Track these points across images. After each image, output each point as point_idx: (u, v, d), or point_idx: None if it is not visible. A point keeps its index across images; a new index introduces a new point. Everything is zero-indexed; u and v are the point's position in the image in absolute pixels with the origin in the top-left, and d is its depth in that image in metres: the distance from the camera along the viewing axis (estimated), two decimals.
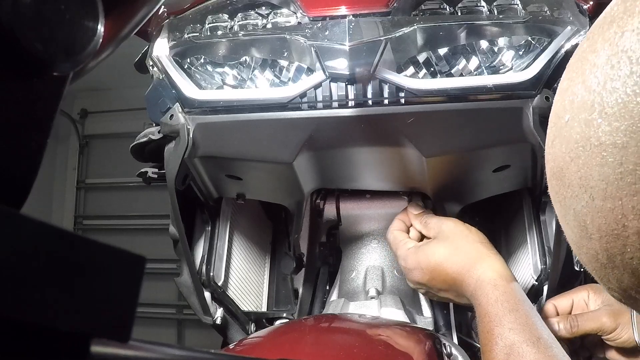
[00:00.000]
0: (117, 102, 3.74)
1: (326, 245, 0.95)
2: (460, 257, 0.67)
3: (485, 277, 0.63)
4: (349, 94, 0.66)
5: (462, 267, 0.66)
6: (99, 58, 0.31)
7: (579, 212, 0.27)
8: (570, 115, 0.27)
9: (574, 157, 0.26)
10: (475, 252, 0.67)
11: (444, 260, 0.68)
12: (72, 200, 4.04)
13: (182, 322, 3.75)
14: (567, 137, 0.27)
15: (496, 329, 0.58)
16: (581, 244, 0.28)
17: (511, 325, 0.58)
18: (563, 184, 0.28)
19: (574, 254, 0.79)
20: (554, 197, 0.30)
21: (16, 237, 0.16)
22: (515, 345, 0.56)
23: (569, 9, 0.69)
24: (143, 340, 0.22)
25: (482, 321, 0.61)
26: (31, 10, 0.19)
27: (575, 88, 0.27)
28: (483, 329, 0.60)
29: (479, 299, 0.62)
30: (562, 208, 0.29)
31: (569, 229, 0.29)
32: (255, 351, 0.58)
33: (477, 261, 0.66)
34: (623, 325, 0.63)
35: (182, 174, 0.75)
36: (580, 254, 0.29)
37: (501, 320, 0.58)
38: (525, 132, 0.67)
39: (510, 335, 0.57)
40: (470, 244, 0.68)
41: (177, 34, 0.76)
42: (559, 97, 0.30)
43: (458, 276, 0.67)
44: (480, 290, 0.62)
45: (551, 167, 0.29)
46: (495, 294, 0.61)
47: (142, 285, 0.19)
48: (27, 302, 0.16)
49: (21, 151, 0.21)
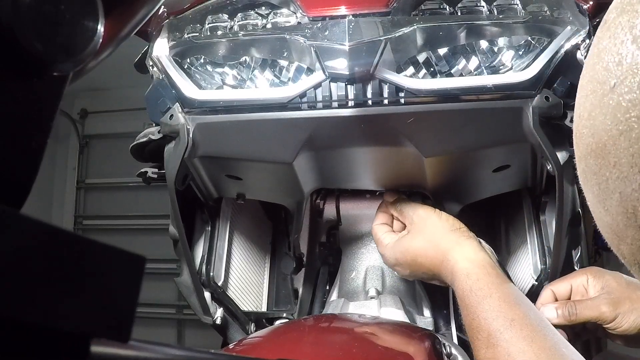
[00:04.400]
0: (117, 102, 3.74)
1: (326, 245, 0.95)
2: (433, 250, 0.68)
3: (457, 268, 0.64)
4: (348, 94, 0.66)
5: (436, 259, 0.67)
6: (99, 58, 0.31)
7: (627, 196, 0.22)
8: (618, 79, 0.22)
9: (625, 130, 0.22)
10: (446, 242, 0.67)
11: (418, 255, 0.69)
12: (72, 200, 4.04)
13: (182, 322, 3.75)
14: (613, 106, 0.22)
15: (474, 322, 0.59)
16: (625, 234, 0.24)
17: (485, 315, 0.58)
18: (606, 162, 0.23)
19: (575, 253, 0.77)
20: (590, 179, 0.25)
21: (16, 237, 0.16)
22: (491, 335, 0.56)
23: (569, 9, 0.69)
24: (143, 340, 0.22)
25: (463, 314, 0.62)
26: (31, 10, 0.19)
27: (621, 48, 0.22)
28: (465, 322, 0.61)
29: (456, 290, 0.63)
30: (602, 192, 0.24)
31: (609, 216, 0.25)
32: (255, 351, 0.58)
33: (449, 251, 0.66)
34: (623, 314, 0.62)
35: (182, 174, 0.75)
36: (620, 245, 0.25)
37: (476, 310, 0.59)
38: (525, 132, 0.67)
39: (486, 325, 0.57)
40: (441, 234, 0.69)
41: (177, 34, 0.76)
42: (595, 60, 0.25)
43: (435, 268, 0.68)
44: (456, 281, 0.63)
45: (588, 143, 0.24)
46: (468, 283, 0.61)
47: (142, 285, 0.19)
48: (27, 302, 0.16)
49: (21, 151, 0.21)
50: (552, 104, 0.65)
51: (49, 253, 0.17)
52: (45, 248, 0.17)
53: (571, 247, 0.75)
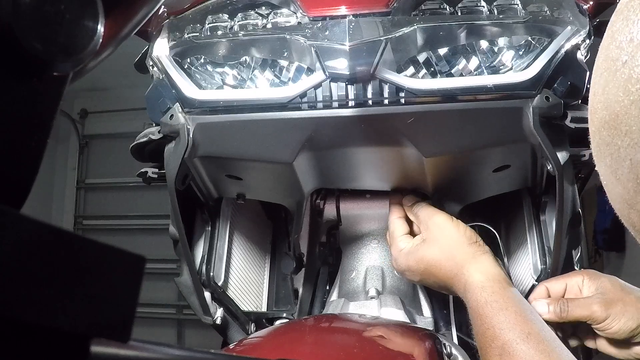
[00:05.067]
0: (117, 102, 3.75)
1: (326, 245, 0.95)
2: (449, 262, 0.67)
3: (472, 281, 0.63)
4: (349, 94, 0.66)
5: (450, 272, 0.67)
6: (99, 58, 0.31)
7: (638, 162, 0.24)
8: (629, 55, 0.24)
9: (636, 100, 0.23)
10: (462, 255, 0.67)
11: (432, 265, 0.69)
12: (72, 200, 4.04)
13: (182, 322, 3.75)
14: (625, 79, 0.24)
15: (488, 331, 0.59)
16: (635, 200, 0.25)
17: (501, 325, 0.58)
18: (618, 132, 0.25)
19: (575, 253, 0.78)
20: (603, 150, 0.27)
21: (16, 237, 0.16)
22: (507, 344, 0.56)
23: (569, 9, 0.69)
24: (143, 340, 0.22)
25: (475, 323, 0.61)
26: (31, 10, 0.19)
27: (632, 27, 0.24)
28: (477, 331, 0.61)
29: (469, 302, 0.63)
30: (614, 161, 0.26)
31: (619, 185, 0.26)
32: (255, 351, 0.58)
33: (464, 265, 0.66)
34: (614, 315, 0.61)
35: (182, 174, 0.75)
36: (630, 213, 0.26)
37: (491, 321, 0.59)
38: (525, 132, 0.67)
39: (502, 335, 0.57)
40: (458, 247, 0.68)
41: (177, 34, 0.76)
42: (609, 41, 0.27)
43: (447, 280, 0.67)
44: (470, 293, 0.63)
45: (602, 117, 0.26)
46: (483, 295, 0.61)
47: (142, 285, 0.19)
48: (27, 302, 0.16)
49: (21, 151, 0.21)
50: (553, 104, 0.65)
51: (48, 253, 0.17)
52: (45, 248, 0.17)
53: (571, 247, 0.75)
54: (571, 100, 0.67)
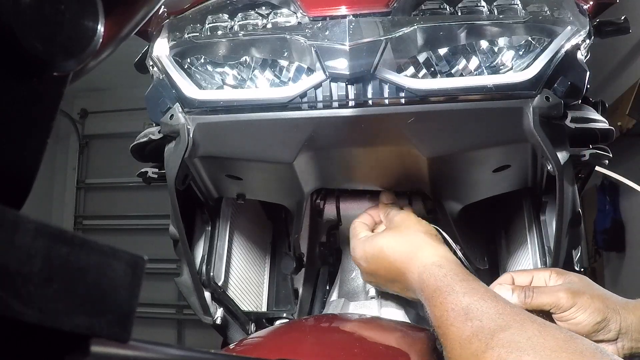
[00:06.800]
0: (117, 102, 3.75)
1: (326, 245, 0.95)
2: (404, 246, 0.67)
3: (428, 261, 0.62)
4: (349, 94, 0.66)
5: (405, 255, 0.66)
6: (99, 58, 0.31)
7: None
8: None
9: None
10: (418, 241, 0.67)
11: (386, 248, 0.68)
12: (72, 200, 4.05)
13: (182, 322, 3.75)
14: None
15: (449, 297, 0.56)
16: None
17: (464, 290, 0.56)
18: None
19: (575, 253, 0.77)
20: None
21: (16, 237, 0.16)
22: (473, 304, 0.53)
23: (569, 9, 0.69)
24: (143, 340, 0.22)
25: (433, 300, 0.58)
26: (31, 10, 0.19)
27: None
28: (435, 304, 0.57)
29: (426, 281, 0.60)
30: None
31: None
32: (255, 351, 0.58)
33: (420, 248, 0.65)
34: (579, 306, 0.59)
35: (182, 174, 0.75)
36: None
37: (453, 288, 0.57)
38: (526, 132, 0.67)
39: (465, 298, 0.55)
40: (414, 233, 0.68)
41: (177, 34, 0.76)
42: None
43: (401, 265, 0.66)
44: (426, 273, 0.61)
45: None
46: (442, 271, 0.60)
47: (142, 285, 0.19)
48: (28, 302, 0.16)
49: (21, 151, 0.21)
50: (553, 104, 0.65)
51: (48, 253, 0.17)
52: (46, 248, 0.17)
53: (571, 247, 0.75)
54: (571, 100, 0.67)
